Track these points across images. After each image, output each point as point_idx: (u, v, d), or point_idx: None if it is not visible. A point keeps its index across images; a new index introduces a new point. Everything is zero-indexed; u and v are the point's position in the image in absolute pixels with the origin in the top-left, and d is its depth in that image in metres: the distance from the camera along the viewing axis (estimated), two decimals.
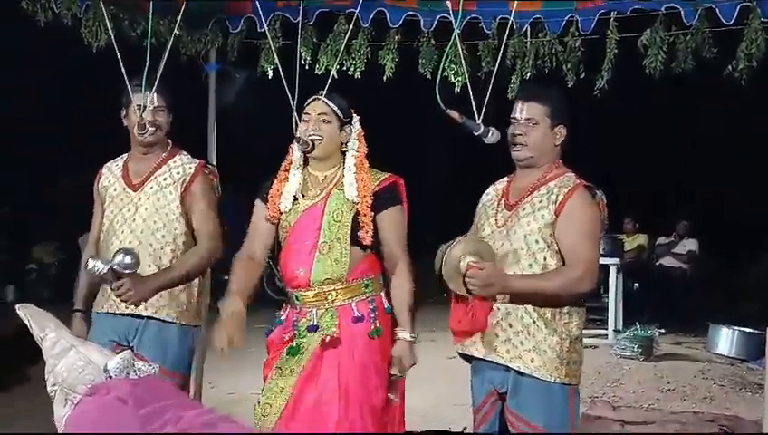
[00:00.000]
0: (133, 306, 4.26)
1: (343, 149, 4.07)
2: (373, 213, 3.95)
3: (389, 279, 4.03)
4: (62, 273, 14.07)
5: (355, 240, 3.94)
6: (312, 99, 4.09)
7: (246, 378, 6.74)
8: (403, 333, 3.90)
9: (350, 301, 3.94)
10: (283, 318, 4.09)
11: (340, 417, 3.80)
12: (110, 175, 4.51)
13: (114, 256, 4.17)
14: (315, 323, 3.94)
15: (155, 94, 4.37)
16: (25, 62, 11.89)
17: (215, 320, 3.96)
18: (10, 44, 10.31)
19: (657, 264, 12.84)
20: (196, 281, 4.44)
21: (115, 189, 4.44)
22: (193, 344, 4.47)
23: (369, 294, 3.97)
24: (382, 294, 4.01)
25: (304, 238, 3.98)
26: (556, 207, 3.69)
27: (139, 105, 4.36)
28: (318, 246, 3.94)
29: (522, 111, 3.83)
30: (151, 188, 4.39)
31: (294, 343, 3.96)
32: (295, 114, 4.06)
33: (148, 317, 4.29)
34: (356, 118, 4.13)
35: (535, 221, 3.71)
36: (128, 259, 4.15)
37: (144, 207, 4.36)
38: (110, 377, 3.25)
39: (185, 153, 4.54)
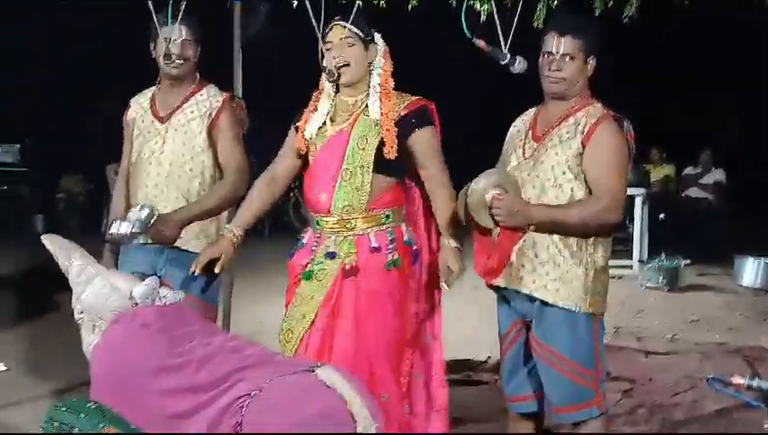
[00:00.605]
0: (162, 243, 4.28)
1: (370, 69, 4.03)
2: (399, 132, 3.91)
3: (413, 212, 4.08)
4: (90, 202, 14.22)
5: (379, 168, 3.92)
6: (331, 25, 4.03)
7: (274, 307, 6.81)
8: (448, 240, 3.92)
9: (369, 230, 3.94)
10: (304, 241, 4.10)
11: (354, 347, 3.85)
12: (139, 108, 4.51)
13: (128, 215, 4.17)
14: (333, 250, 3.95)
15: (182, 26, 4.33)
16: None
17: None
18: None
19: (684, 194, 12.76)
20: (224, 213, 4.46)
21: (143, 121, 4.45)
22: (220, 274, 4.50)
23: (389, 224, 3.96)
24: (403, 225, 4.01)
25: (328, 164, 3.97)
26: (583, 137, 3.66)
27: (167, 38, 4.33)
28: (341, 172, 3.93)
29: (557, 45, 3.75)
30: (179, 120, 4.39)
31: (309, 267, 3.99)
32: (321, 43, 4.00)
33: (177, 248, 4.31)
34: (378, 36, 4.07)
35: (562, 152, 3.69)
36: (144, 213, 4.14)
37: (171, 140, 4.36)
38: (136, 304, 3.29)
39: (212, 86, 4.52)
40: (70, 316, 3.55)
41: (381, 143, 3.91)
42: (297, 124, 4.12)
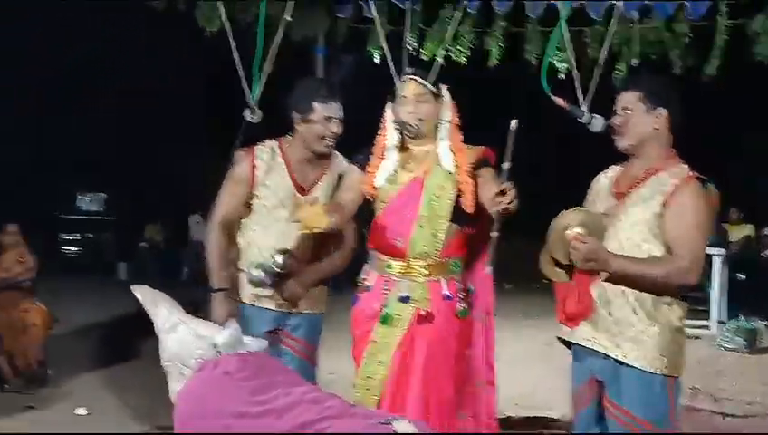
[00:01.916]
0: (289, 303, 4.36)
1: (437, 122, 4.09)
2: (473, 181, 3.97)
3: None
4: (170, 250, 14.50)
5: (453, 216, 3.99)
6: (405, 78, 4.11)
7: (345, 358, 6.85)
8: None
9: (440, 278, 4.01)
10: (370, 285, 4.14)
11: (427, 395, 3.91)
12: (271, 172, 4.39)
13: (273, 258, 4.20)
14: (407, 294, 4.00)
15: (341, 106, 4.32)
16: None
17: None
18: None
19: (763, 255, 12.55)
20: None
21: (283, 190, 4.37)
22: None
23: (456, 274, 4.05)
24: (467, 274, 4.11)
25: (404, 210, 4.03)
26: (665, 198, 3.63)
27: (329, 117, 4.29)
28: (418, 219, 4.00)
29: (618, 101, 3.80)
30: (322, 194, 4.36)
31: (385, 311, 4.03)
32: (397, 100, 4.08)
33: (301, 312, 4.41)
34: (445, 88, 4.13)
35: (643, 212, 3.66)
36: (289, 260, 4.21)
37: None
38: (219, 352, 3.35)
39: (339, 154, 4.48)
40: (152, 363, 3.64)
41: (457, 194, 3.98)
42: (364, 166, 4.18)
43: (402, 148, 4.13)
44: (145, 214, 14.93)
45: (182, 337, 3.40)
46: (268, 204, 4.37)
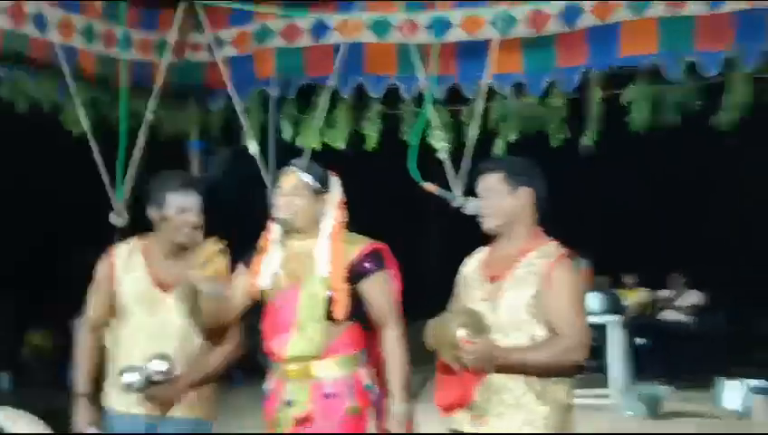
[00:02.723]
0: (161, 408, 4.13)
1: (320, 217, 3.96)
2: (350, 285, 3.85)
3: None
4: (59, 358, 14.01)
5: (332, 317, 3.85)
6: (283, 171, 4.01)
7: None
8: (392, 407, 3.81)
9: (325, 377, 3.85)
10: (270, 387, 4.01)
11: None
12: (129, 268, 4.26)
13: (148, 364, 4.01)
14: (290, 399, 3.87)
15: (197, 195, 4.18)
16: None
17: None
18: None
19: (659, 318, 12.72)
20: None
21: (142, 288, 4.21)
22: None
23: (345, 371, 3.87)
24: (363, 369, 3.91)
25: (282, 316, 3.91)
26: (540, 279, 3.61)
27: (183, 208, 4.14)
28: (294, 324, 3.87)
29: (480, 184, 3.80)
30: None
31: (275, 416, 3.92)
32: (271, 192, 3.96)
33: (174, 417, 4.16)
34: (336, 184, 4.01)
35: (520, 295, 3.62)
36: (165, 365, 4.02)
37: (178, 310, 4.11)
38: None
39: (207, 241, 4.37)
40: None
41: (332, 299, 3.85)
42: (246, 261, 4.04)
43: (287, 244, 3.99)
44: (28, 319, 14.45)
45: None
46: (128, 302, 4.19)
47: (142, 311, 4.17)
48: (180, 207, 4.13)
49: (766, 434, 8.64)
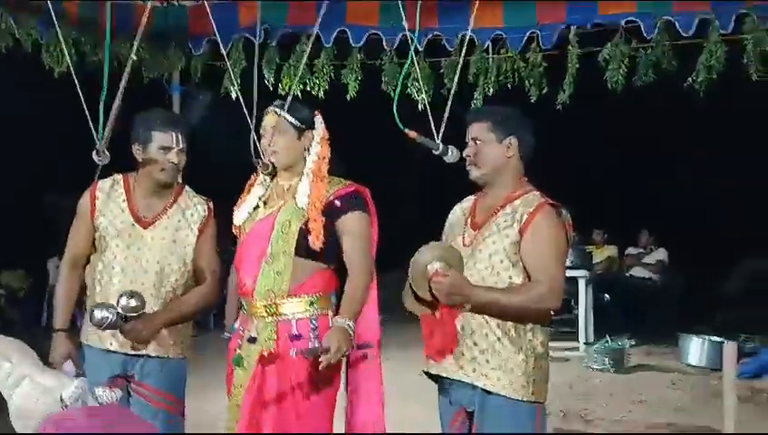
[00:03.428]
0: (136, 344, 4.18)
1: (306, 155, 4.01)
2: (327, 219, 3.88)
3: None
4: (31, 296, 14.02)
5: (303, 252, 3.87)
6: (265, 112, 4.04)
7: (222, 398, 6.73)
8: (338, 319, 3.78)
9: (291, 317, 3.88)
10: (236, 326, 4.07)
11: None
12: (110, 202, 4.31)
13: (118, 300, 4.04)
14: (254, 335, 3.91)
15: (179, 135, 4.23)
16: None
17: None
18: None
19: (628, 275, 12.87)
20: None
21: (122, 222, 4.27)
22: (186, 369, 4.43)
23: (312, 311, 3.89)
24: (330, 313, 3.92)
25: (254, 248, 3.95)
26: (521, 226, 3.67)
27: (165, 147, 4.21)
28: (265, 256, 3.90)
29: (468, 133, 3.85)
30: (166, 228, 4.27)
31: (237, 353, 3.96)
32: (253, 134, 4.00)
33: (150, 356, 4.23)
34: (319, 121, 4.06)
35: (500, 241, 3.69)
36: (134, 302, 4.04)
37: (158, 247, 4.24)
38: (66, 406, 3.19)
39: (188, 189, 4.44)
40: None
41: (305, 229, 3.88)
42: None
43: (274, 182, 4.06)
44: (1, 259, 14.41)
45: (26, 392, 3.20)
46: (107, 236, 4.25)
47: (121, 245, 4.23)
48: (163, 145, 4.20)
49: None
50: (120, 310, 4.01)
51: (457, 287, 3.59)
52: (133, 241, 4.24)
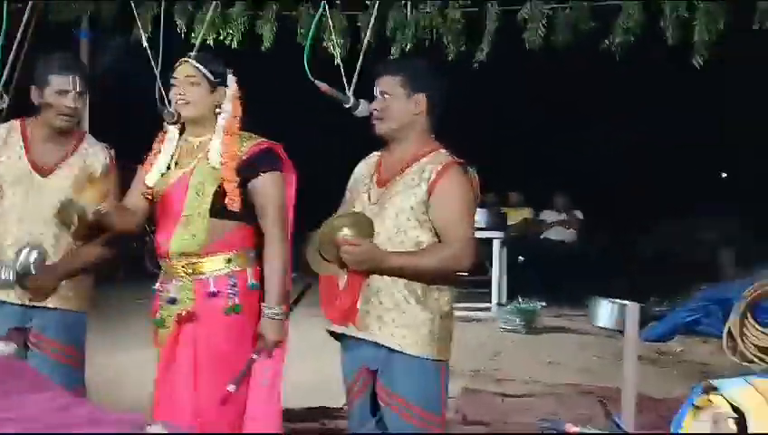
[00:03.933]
0: (33, 296, 4.08)
1: (217, 112, 3.92)
2: (240, 178, 3.83)
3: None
4: None
5: (218, 212, 3.83)
6: (179, 62, 3.94)
7: (130, 354, 6.61)
8: (266, 309, 3.83)
9: (209, 275, 3.84)
10: (155, 288, 4.01)
11: (192, 398, 3.77)
12: (6, 148, 4.17)
13: (17, 256, 3.96)
14: (174, 296, 3.87)
15: (78, 78, 4.06)
16: None
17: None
18: None
19: (542, 237, 12.97)
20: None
21: (19, 169, 4.13)
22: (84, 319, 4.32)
23: (230, 268, 3.86)
24: (248, 269, 3.90)
25: (168, 209, 3.89)
26: (428, 185, 3.63)
27: (62, 90, 4.05)
28: (180, 218, 3.85)
29: (377, 85, 3.78)
30: (66, 177, 4.13)
31: (158, 315, 3.92)
32: (158, 82, 3.89)
33: (51, 308, 4.12)
34: (232, 79, 3.97)
35: (407, 199, 3.64)
36: (34, 256, 3.97)
37: (57, 196, 4.07)
38: None
39: (90, 136, 4.33)
40: None
41: (220, 189, 3.82)
42: (143, 161, 4.02)
43: (183, 139, 3.97)
44: None
45: None
46: (4, 184, 4.11)
47: (18, 193, 4.10)
48: (60, 89, 4.05)
49: None
50: (18, 266, 3.93)
51: (369, 254, 3.57)
52: (31, 188, 4.11)
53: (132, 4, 5.44)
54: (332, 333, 3.84)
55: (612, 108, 15.08)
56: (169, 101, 3.95)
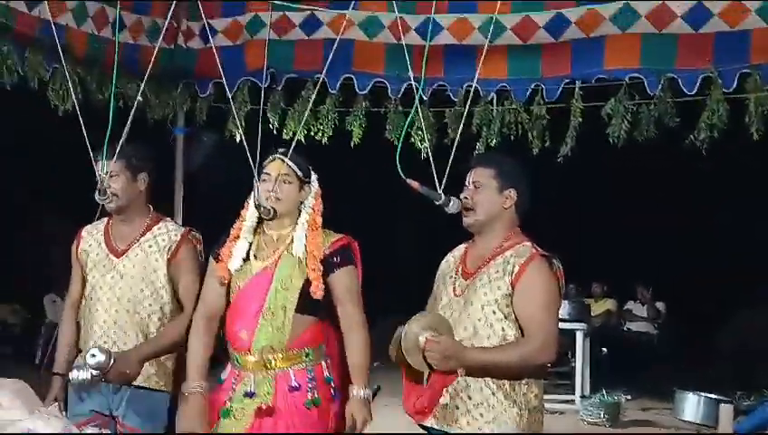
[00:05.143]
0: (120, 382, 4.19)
1: (300, 208, 4.05)
2: (323, 272, 3.93)
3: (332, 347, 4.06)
4: (26, 332, 13.96)
5: (300, 308, 3.92)
6: (271, 158, 4.07)
7: None
8: (355, 390, 3.88)
9: (289, 369, 3.91)
10: (224, 377, 4.06)
11: None
12: (91, 239, 4.40)
13: (85, 357, 4.09)
14: (252, 390, 3.91)
15: (109, 160, 4.25)
16: None
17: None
18: None
19: (626, 329, 12.83)
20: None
21: (97, 254, 4.33)
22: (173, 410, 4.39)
23: (308, 363, 3.94)
24: (323, 363, 3.99)
25: (251, 302, 3.95)
26: (512, 277, 3.66)
27: (101, 174, 4.26)
28: (263, 311, 3.91)
29: (470, 175, 3.85)
30: (137, 255, 4.30)
31: (228, 405, 3.94)
32: (256, 179, 4.03)
33: (135, 386, 4.22)
34: (314, 176, 4.11)
35: (492, 292, 3.68)
36: (101, 358, 4.06)
37: (129, 275, 4.26)
38: None
39: (169, 220, 4.48)
40: None
41: (305, 283, 3.91)
42: (217, 253, 4.10)
43: (261, 231, 4.07)
44: None
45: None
46: (89, 273, 4.33)
47: (96, 277, 4.30)
48: (99, 173, 4.24)
49: None
50: (90, 369, 4.05)
51: (451, 352, 3.60)
52: (108, 271, 4.30)
53: (231, 103, 5.61)
54: (423, 426, 3.84)
55: (696, 202, 14.98)
56: (258, 204, 4.03)
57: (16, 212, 14.38)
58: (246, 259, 4.02)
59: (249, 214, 4.07)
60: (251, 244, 4.04)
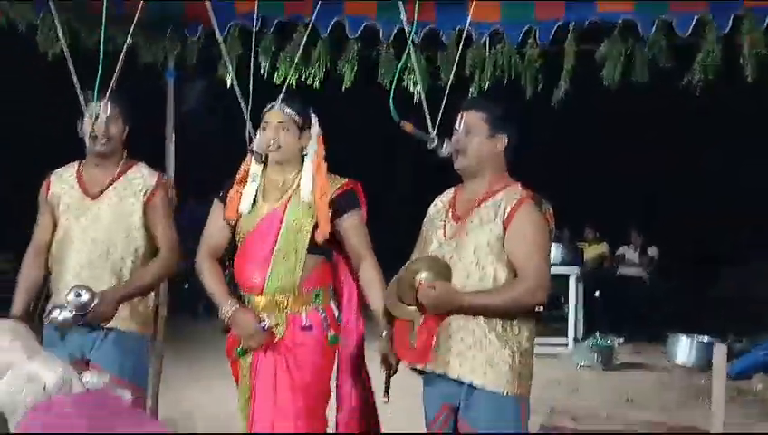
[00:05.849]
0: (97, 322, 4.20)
1: (303, 153, 4.10)
2: (332, 216, 4.00)
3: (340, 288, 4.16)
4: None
5: (310, 248, 3.98)
6: (269, 106, 4.11)
7: (209, 389, 6.72)
8: (385, 331, 3.91)
9: (301, 310, 3.98)
10: None
11: (292, 423, 3.91)
12: (62, 182, 4.42)
13: (67, 297, 4.08)
14: (266, 323, 3.97)
15: (107, 104, 4.29)
16: None
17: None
18: None
19: (618, 273, 12.88)
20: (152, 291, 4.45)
21: (70, 197, 4.36)
22: (149, 355, 4.46)
23: (319, 303, 4.03)
24: (332, 302, 4.09)
25: (262, 244, 4.01)
26: (504, 219, 3.69)
27: (92, 115, 4.30)
28: (274, 253, 3.97)
29: (460, 121, 3.85)
30: (111, 198, 4.34)
31: (244, 344, 4.01)
32: (249, 124, 4.05)
33: (108, 328, 4.24)
34: (315, 120, 4.16)
35: (484, 234, 3.70)
36: (86, 297, 4.07)
37: (104, 217, 4.31)
38: (50, 396, 3.14)
39: (143, 164, 4.49)
40: None
41: (314, 225, 3.96)
42: (223, 195, 4.15)
43: (264, 175, 4.12)
44: None
45: (11, 381, 3.15)
46: (61, 215, 4.34)
47: (70, 219, 4.31)
48: (90, 114, 4.29)
49: None
50: (73, 306, 4.06)
51: (445, 297, 3.64)
52: (82, 213, 4.32)
53: (222, 47, 5.55)
54: (414, 369, 3.88)
55: (690, 142, 14.96)
56: (250, 139, 4.12)
57: (10, 160, 14.31)
58: (254, 203, 4.07)
59: (253, 159, 4.13)
60: (258, 187, 4.10)
